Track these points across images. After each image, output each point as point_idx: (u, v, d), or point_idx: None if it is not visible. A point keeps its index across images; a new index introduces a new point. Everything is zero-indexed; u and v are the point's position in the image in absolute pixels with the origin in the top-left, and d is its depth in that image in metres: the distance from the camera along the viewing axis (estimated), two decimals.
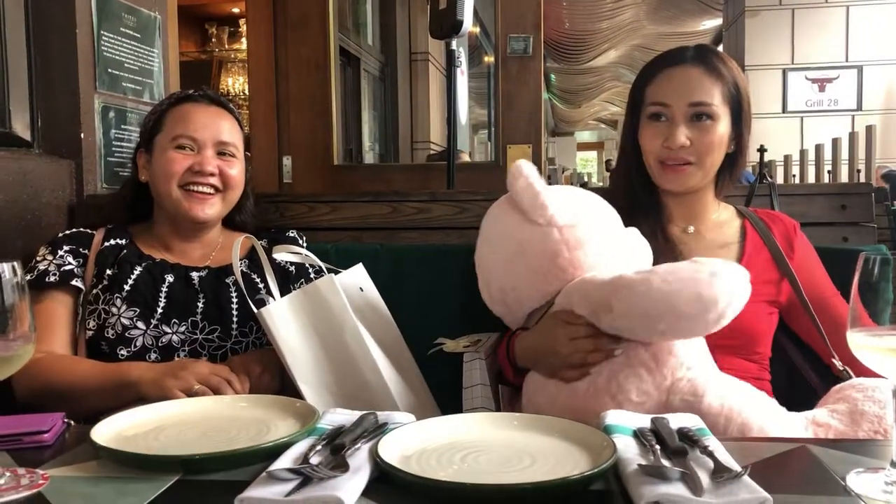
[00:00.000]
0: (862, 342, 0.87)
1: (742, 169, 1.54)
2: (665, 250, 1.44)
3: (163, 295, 1.52)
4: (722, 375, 1.26)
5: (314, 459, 0.89)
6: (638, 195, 1.51)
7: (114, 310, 1.48)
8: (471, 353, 1.50)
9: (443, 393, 1.54)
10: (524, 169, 1.35)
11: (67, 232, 1.60)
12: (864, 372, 1.29)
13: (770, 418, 1.18)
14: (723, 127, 1.44)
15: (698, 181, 1.47)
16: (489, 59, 7.17)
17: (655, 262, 1.39)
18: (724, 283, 1.14)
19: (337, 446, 0.92)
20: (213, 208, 1.56)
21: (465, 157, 6.18)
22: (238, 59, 6.88)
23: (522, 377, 1.38)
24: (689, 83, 1.44)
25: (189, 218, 1.55)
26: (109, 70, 2.04)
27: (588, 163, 21.42)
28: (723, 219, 1.55)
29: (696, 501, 0.77)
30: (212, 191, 1.56)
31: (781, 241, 1.49)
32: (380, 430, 1.00)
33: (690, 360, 1.25)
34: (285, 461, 0.89)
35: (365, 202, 1.92)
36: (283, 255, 1.54)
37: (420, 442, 0.97)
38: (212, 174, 1.54)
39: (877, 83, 7.53)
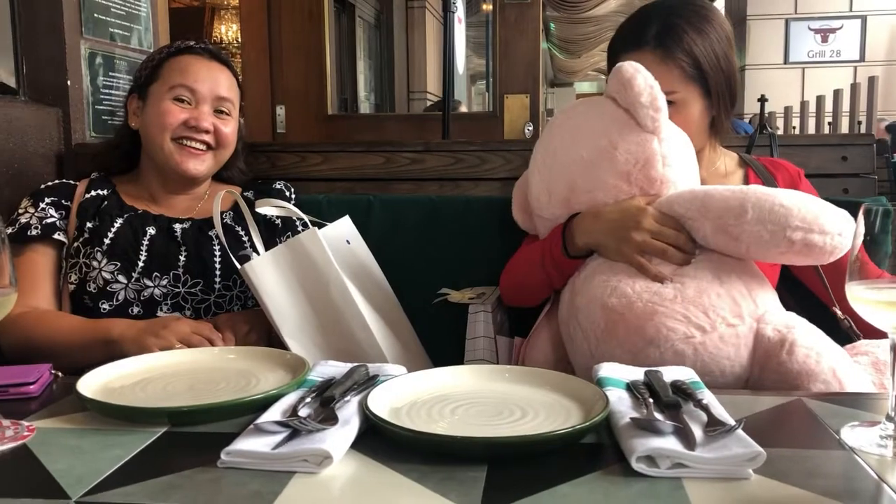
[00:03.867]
0: (860, 294, 0.85)
1: (725, 129, 1.49)
2: None
3: (144, 248, 1.50)
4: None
5: (303, 412, 0.88)
6: None
7: (94, 263, 1.46)
8: (476, 304, 1.48)
9: (437, 345, 1.53)
10: (640, 68, 1.28)
11: (49, 183, 1.57)
12: (863, 322, 1.28)
13: (851, 366, 1.18)
14: (693, 108, 1.39)
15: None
16: (487, 6, 7.04)
17: None
18: (852, 221, 1.15)
19: (326, 399, 0.91)
20: (203, 164, 1.54)
21: (463, 109, 6.10)
22: (231, 5, 6.75)
23: (570, 267, 1.34)
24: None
25: (179, 172, 1.52)
26: (95, 15, 1.98)
27: None
28: (726, 168, 1.53)
29: (688, 455, 0.76)
30: (204, 147, 1.53)
31: (785, 188, 1.47)
32: (370, 382, 0.99)
33: (774, 299, 1.26)
34: (274, 413, 0.87)
35: (358, 152, 1.88)
36: (266, 208, 1.51)
37: (410, 394, 0.96)
38: (206, 131, 1.52)
39: (881, 33, 7.41)
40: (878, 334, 1.14)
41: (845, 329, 1.38)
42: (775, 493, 0.72)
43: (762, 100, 3.49)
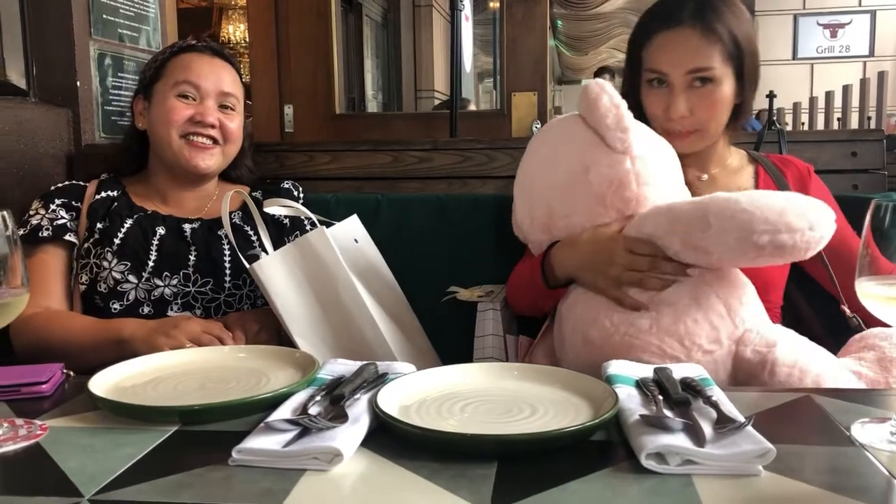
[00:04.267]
0: (870, 291, 0.85)
1: (748, 116, 1.49)
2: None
3: (154, 248, 1.50)
4: (784, 328, 1.24)
5: (313, 410, 0.88)
6: None
7: (105, 264, 1.47)
8: (485, 303, 1.48)
9: (446, 344, 1.54)
10: (606, 86, 1.25)
11: (60, 185, 1.58)
12: (873, 319, 1.28)
13: (837, 372, 1.15)
14: (726, 88, 1.38)
15: (705, 143, 1.44)
16: (494, 4, 7.03)
17: None
18: (825, 211, 1.12)
19: (336, 397, 0.91)
20: (212, 159, 1.55)
21: (472, 107, 6.10)
22: (238, 5, 6.76)
23: (552, 296, 1.33)
24: (687, 49, 1.36)
25: (189, 168, 1.53)
26: (104, 16, 1.99)
27: None
28: (735, 165, 1.52)
29: (698, 452, 0.76)
30: (211, 142, 1.54)
31: (795, 185, 1.46)
32: (380, 380, 0.99)
33: (758, 310, 1.23)
34: (284, 412, 0.88)
35: (366, 151, 1.89)
36: (274, 208, 1.52)
37: (420, 392, 0.96)
38: (212, 125, 1.53)
39: (890, 28, 7.37)
40: None
41: (854, 327, 1.37)
42: (785, 489, 0.72)
43: (770, 96, 3.47)
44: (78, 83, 1.91)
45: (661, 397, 0.90)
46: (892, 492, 0.72)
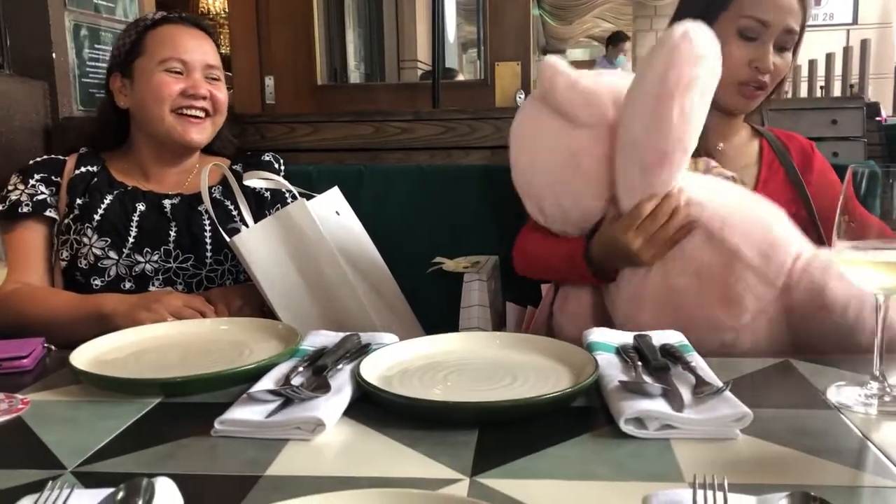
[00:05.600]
0: (846, 256, 0.86)
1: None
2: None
3: (134, 224, 1.49)
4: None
5: (295, 381, 0.88)
6: None
7: (85, 240, 1.46)
8: (470, 273, 1.49)
9: (431, 315, 1.54)
10: (559, 66, 1.20)
11: (38, 159, 1.56)
12: None
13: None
14: (790, 58, 1.39)
15: (757, 105, 1.44)
16: None
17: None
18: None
19: (319, 367, 0.91)
20: (205, 132, 1.54)
21: (461, 77, 6.04)
22: None
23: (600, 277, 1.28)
24: (791, 6, 1.35)
25: (183, 142, 1.51)
26: None
27: None
28: (744, 138, 1.51)
29: (676, 417, 0.77)
30: (203, 114, 1.52)
31: (798, 160, 1.46)
32: (362, 350, 0.99)
33: (799, 245, 1.17)
34: (266, 383, 0.88)
35: (347, 122, 1.87)
36: (254, 181, 1.50)
37: (402, 362, 0.97)
38: (203, 97, 1.51)
39: None
40: None
41: None
42: (762, 451, 0.74)
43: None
44: (54, 55, 1.88)
45: (640, 363, 0.91)
46: (865, 452, 0.74)
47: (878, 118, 3.95)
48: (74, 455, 0.75)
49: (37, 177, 1.51)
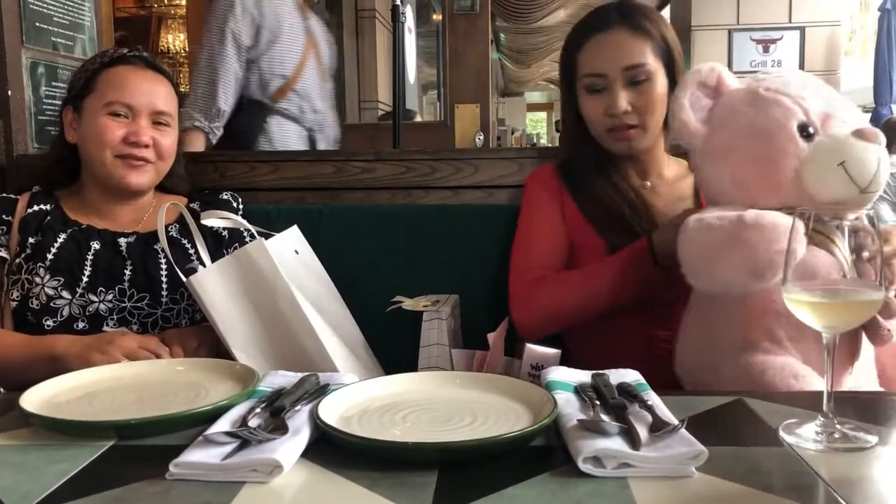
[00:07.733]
0: (795, 297, 0.88)
1: None
2: (630, 202, 1.47)
3: (88, 263, 1.47)
4: None
5: (253, 422, 0.87)
6: (591, 159, 1.52)
7: (37, 279, 1.43)
8: (430, 312, 1.49)
9: (391, 354, 1.53)
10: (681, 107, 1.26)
11: None
12: None
13: None
14: (660, 84, 1.45)
15: (647, 141, 1.49)
16: (437, 16, 7.07)
17: (622, 217, 1.45)
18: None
19: (276, 409, 0.91)
20: (146, 176, 1.51)
21: (418, 118, 6.10)
22: (178, 14, 6.65)
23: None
24: (620, 48, 1.44)
25: (122, 186, 1.50)
26: (37, 24, 1.94)
27: (538, 123, 21.43)
28: (676, 174, 1.57)
29: (633, 455, 0.77)
30: (144, 161, 1.50)
31: None
32: (321, 391, 0.99)
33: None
34: (223, 424, 0.87)
35: (308, 161, 1.88)
36: (212, 220, 1.49)
37: (361, 402, 0.96)
38: (146, 145, 1.49)
39: (818, 44, 7.66)
40: None
41: None
42: (717, 489, 0.75)
43: None
44: (9, 92, 1.86)
45: (598, 402, 0.92)
46: (816, 489, 0.75)
47: None
48: (25, 501, 0.73)
49: None
